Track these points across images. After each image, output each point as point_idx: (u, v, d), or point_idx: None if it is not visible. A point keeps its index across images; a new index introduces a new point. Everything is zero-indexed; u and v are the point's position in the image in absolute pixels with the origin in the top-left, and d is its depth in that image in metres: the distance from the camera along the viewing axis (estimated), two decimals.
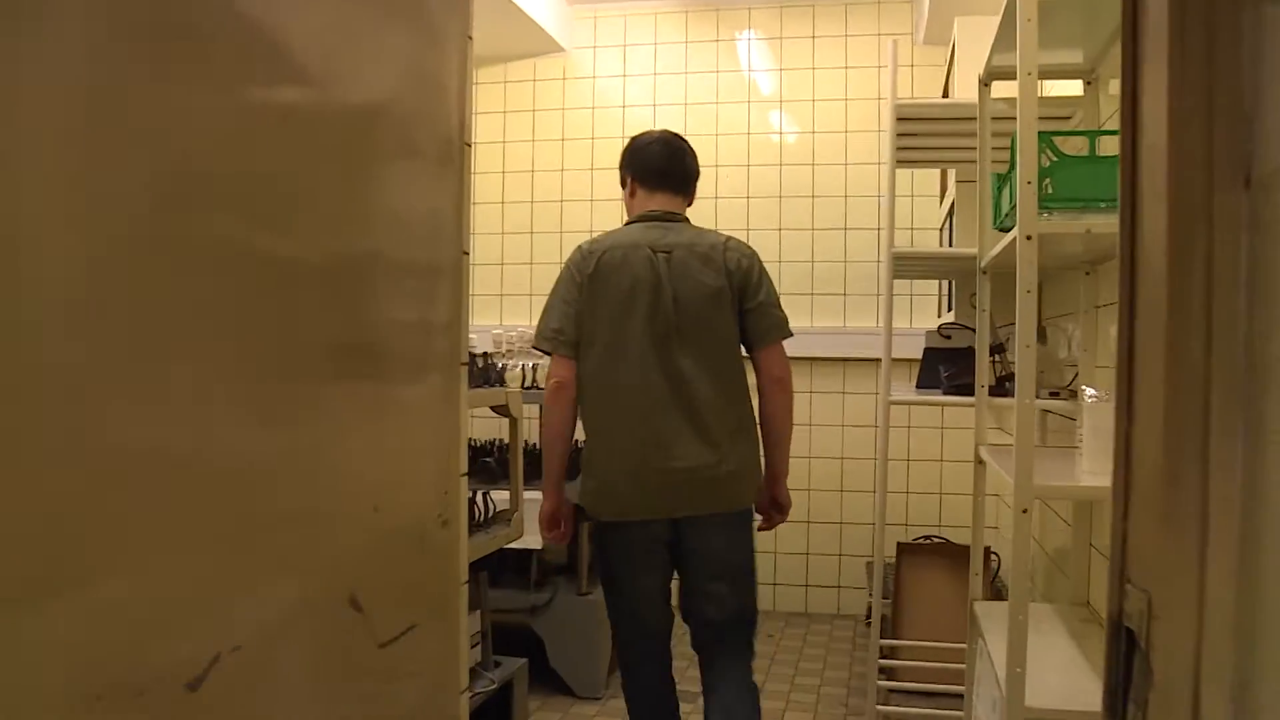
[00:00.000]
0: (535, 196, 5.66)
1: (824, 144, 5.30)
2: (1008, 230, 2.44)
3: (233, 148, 0.94)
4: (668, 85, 5.49)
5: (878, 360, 5.13)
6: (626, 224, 2.93)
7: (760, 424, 2.88)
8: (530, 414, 5.67)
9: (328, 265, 1.10)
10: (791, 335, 2.89)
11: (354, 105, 1.16)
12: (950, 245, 4.19)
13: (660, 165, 2.93)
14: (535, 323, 2.92)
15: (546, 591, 4.12)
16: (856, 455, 5.28)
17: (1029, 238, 1.97)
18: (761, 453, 2.90)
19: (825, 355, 5.26)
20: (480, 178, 5.69)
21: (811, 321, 5.30)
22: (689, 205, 2.98)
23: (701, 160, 5.42)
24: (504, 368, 4.24)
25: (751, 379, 2.86)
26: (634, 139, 3.02)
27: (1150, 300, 1.20)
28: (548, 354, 2.84)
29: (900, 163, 3.56)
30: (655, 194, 2.92)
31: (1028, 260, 1.98)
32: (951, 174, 4.23)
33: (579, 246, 2.89)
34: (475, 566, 3.08)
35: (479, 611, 2.96)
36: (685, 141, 3.01)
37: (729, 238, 2.89)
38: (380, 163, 1.22)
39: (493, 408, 3.10)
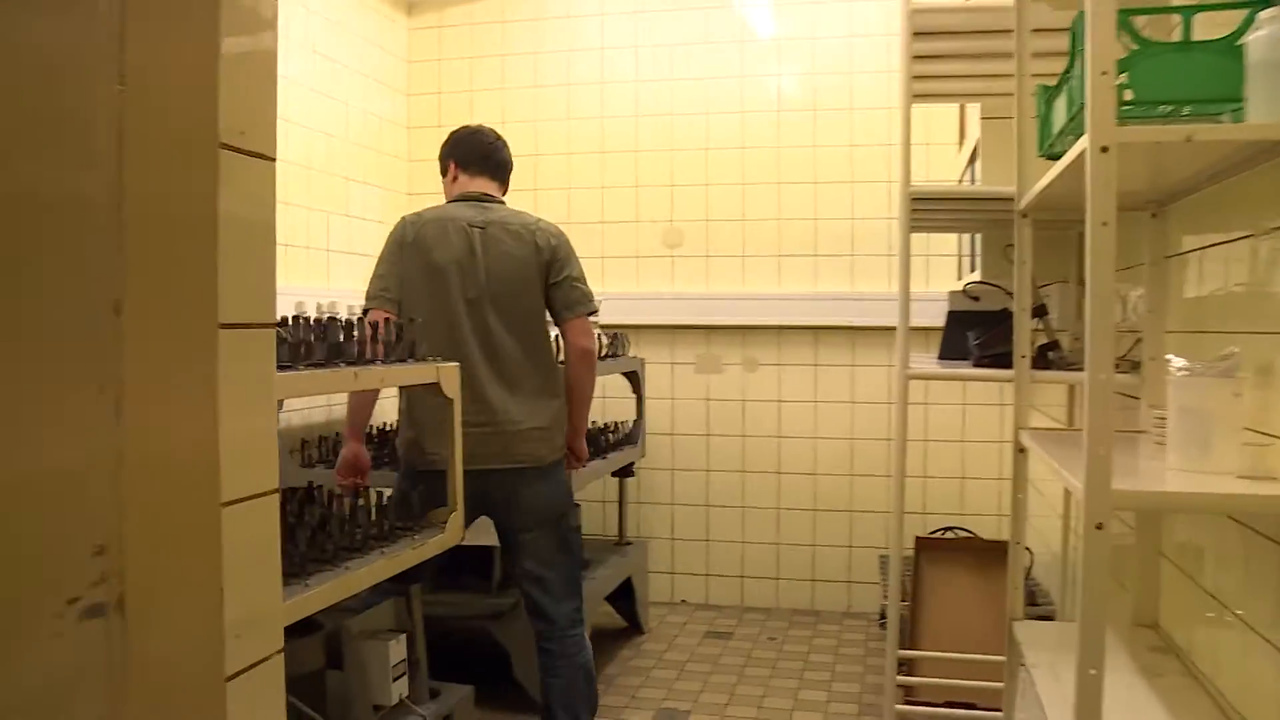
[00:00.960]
0: None
1: (827, 87, 4.73)
2: (1059, 157, 1.89)
3: None
4: (651, 25, 4.91)
5: (891, 328, 4.60)
6: (448, 203, 3.19)
7: (566, 388, 3.16)
8: None
9: None
10: (595, 310, 3.17)
11: None
12: None
13: (482, 152, 3.23)
14: None
15: (510, 595, 3.59)
16: (868, 436, 4.73)
17: (1105, 149, 1.41)
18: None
19: (831, 323, 4.71)
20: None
21: (816, 286, 4.74)
22: (504, 193, 3.27)
23: (691, 107, 4.93)
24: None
25: None
26: (454, 132, 3.31)
27: None
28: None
29: (916, 96, 2.98)
30: (476, 178, 3.20)
31: (1103, 181, 1.42)
32: (974, 112, 3.67)
33: (403, 218, 3.13)
34: (408, 577, 2.54)
35: (404, 636, 2.43)
36: (502, 138, 3.33)
37: (540, 219, 3.18)
38: None
39: (426, 385, 2.56)
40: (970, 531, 4.17)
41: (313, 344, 2.10)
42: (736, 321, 4.83)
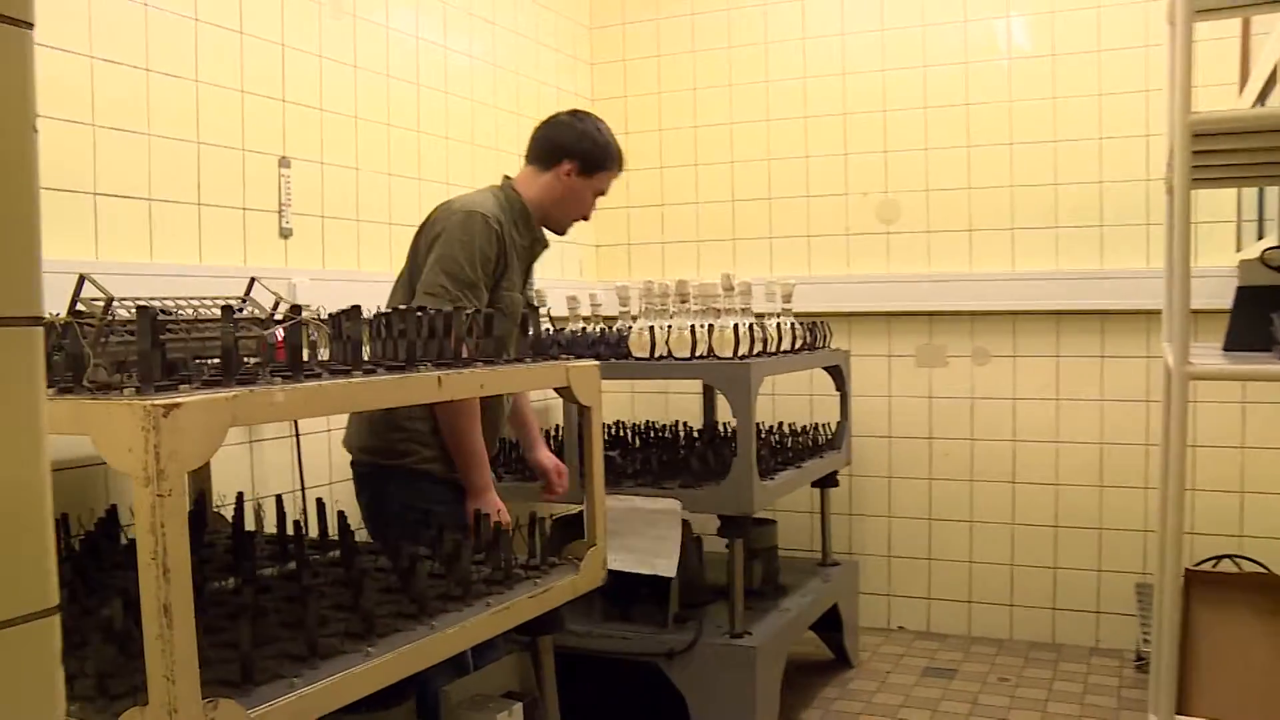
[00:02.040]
0: (699, 120, 4.59)
1: (1067, 26, 3.99)
2: None
3: None
4: None
5: (1147, 312, 3.85)
6: None
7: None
8: (624, 389, 4.56)
9: None
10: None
11: None
12: None
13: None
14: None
15: (689, 631, 3.08)
16: (1121, 439, 3.98)
17: None
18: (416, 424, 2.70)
19: (1076, 307, 3.99)
20: (632, 104, 4.67)
21: (1057, 263, 4.03)
22: (541, 174, 2.87)
23: (906, 60, 4.26)
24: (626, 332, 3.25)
25: None
26: None
27: None
28: None
29: (1199, 11, 2.28)
30: None
31: None
32: (1266, 33, 2.91)
33: None
34: (537, 626, 2.07)
35: (521, 704, 1.95)
36: (570, 113, 2.96)
37: (459, 199, 2.78)
38: None
39: (556, 389, 2.08)
40: (1260, 564, 3.40)
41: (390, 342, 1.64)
42: (963, 306, 4.17)
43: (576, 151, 2.84)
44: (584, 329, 3.53)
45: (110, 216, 2.55)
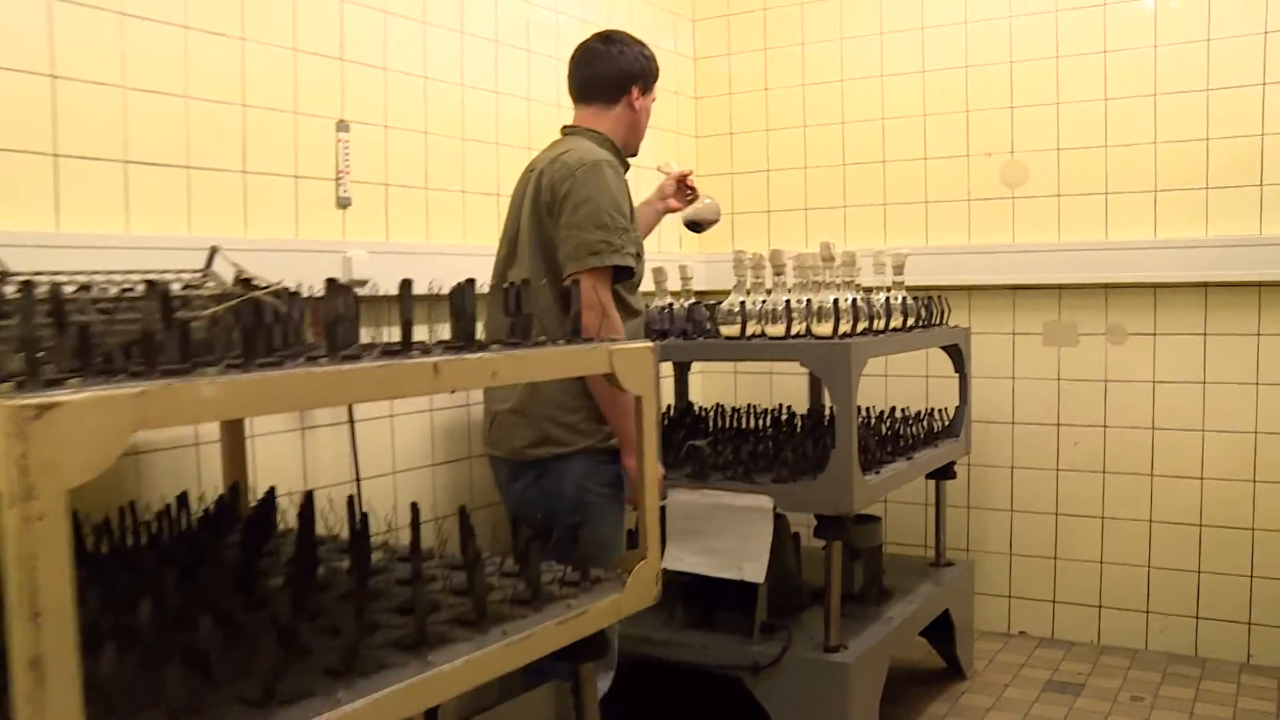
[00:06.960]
0: (807, 78, 4.24)
1: None
2: None
3: None
4: None
5: None
6: None
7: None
8: (725, 370, 4.26)
9: None
10: (598, 265, 2.45)
11: None
12: None
13: (570, 74, 2.81)
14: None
15: (776, 642, 2.79)
16: (1278, 429, 3.53)
17: None
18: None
19: (1228, 278, 3.54)
20: (736, 61, 4.34)
21: (1206, 229, 3.58)
22: (610, 109, 2.74)
23: (1035, 5, 3.80)
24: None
25: None
26: None
27: None
28: None
29: None
30: (575, 108, 2.82)
31: None
32: None
33: None
34: (577, 652, 1.81)
35: None
36: (603, 41, 2.76)
37: (567, 152, 2.58)
38: None
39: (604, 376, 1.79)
40: None
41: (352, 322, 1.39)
42: (1097, 279, 3.75)
43: (639, 73, 2.75)
44: (670, 305, 3.25)
45: (143, 186, 2.35)
